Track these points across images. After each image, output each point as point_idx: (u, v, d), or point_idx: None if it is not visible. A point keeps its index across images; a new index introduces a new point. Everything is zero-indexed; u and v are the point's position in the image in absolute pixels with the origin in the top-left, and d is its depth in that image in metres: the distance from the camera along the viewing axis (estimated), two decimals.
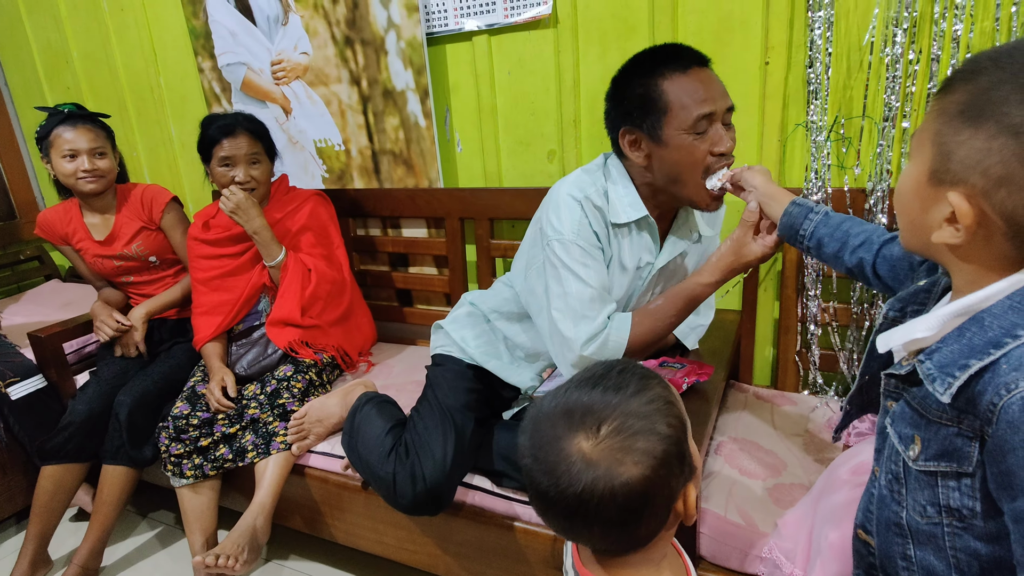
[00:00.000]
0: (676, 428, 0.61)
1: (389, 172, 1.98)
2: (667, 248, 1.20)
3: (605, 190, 1.14)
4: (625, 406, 0.61)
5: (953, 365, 0.59)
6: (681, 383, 1.16)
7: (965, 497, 0.61)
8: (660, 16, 1.51)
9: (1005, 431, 0.54)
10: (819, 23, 1.34)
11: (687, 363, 1.21)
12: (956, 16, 1.24)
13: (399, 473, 1.22)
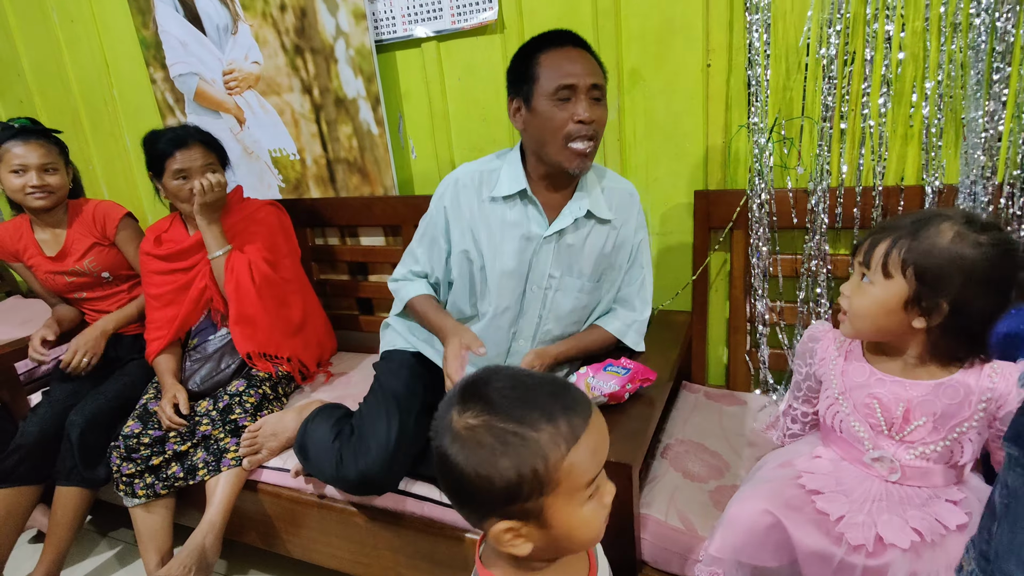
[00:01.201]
0: (521, 474, 0.62)
1: (345, 181, 1.96)
2: (557, 221, 1.28)
3: (497, 168, 1.30)
4: (514, 417, 0.62)
5: None
6: (624, 393, 1.16)
7: None
8: (603, 20, 1.51)
9: None
10: (756, 25, 1.34)
11: (632, 367, 1.21)
12: (888, 17, 1.25)
13: (345, 452, 1.26)
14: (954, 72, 1.23)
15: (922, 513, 0.85)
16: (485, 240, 1.30)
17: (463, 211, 1.31)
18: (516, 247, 1.29)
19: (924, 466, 0.88)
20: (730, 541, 0.91)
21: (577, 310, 1.34)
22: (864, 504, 0.87)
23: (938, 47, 1.23)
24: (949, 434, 0.87)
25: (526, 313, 1.33)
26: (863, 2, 1.26)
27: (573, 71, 1.15)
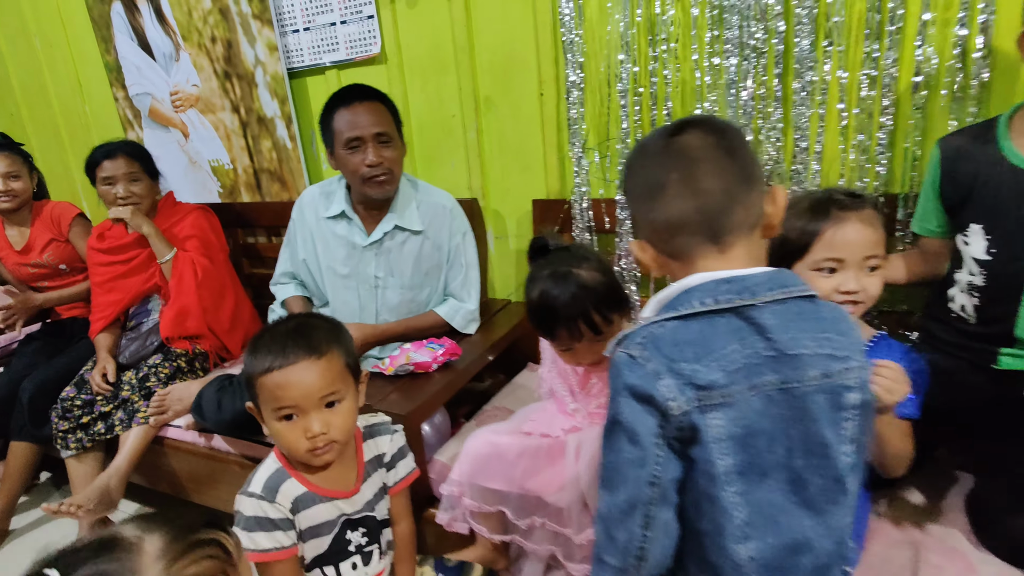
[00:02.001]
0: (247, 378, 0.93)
1: (268, 187, 2.27)
2: (373, 234, 1.59)
3: (335, 191, 1.64)
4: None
5: None
6: (432, 364, 1.43)
7: None
8: (461, 56, 1.79)
9: None
10: (572, 63, 1.61)
11: (447, 344, 1.48)
12: (667, 60, 1.50)
13: (224, 398, 1.56)
14: (717, 106, 1.48)
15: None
16: (321, 250, 1.64)
17: (307, 225, 1.65)
18: (344, 255, 1.62)
19: (599, 411, 1.15)
20: (466, 467, 1.18)
21: (405, 303, 1.62)
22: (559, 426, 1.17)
23: (704, 82, 1.48)
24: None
25: (365, 308, 1.62)
26: (646, 46, 1.51)
27: (358, 124, 1.46)
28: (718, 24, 1.42)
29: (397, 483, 1.09)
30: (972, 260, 1.12)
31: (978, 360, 1.14)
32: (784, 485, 0.67)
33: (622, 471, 0.67)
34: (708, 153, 0.70)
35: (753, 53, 1.40)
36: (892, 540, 1.07)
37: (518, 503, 1.17)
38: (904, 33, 1.28)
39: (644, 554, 0.67)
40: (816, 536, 0.67)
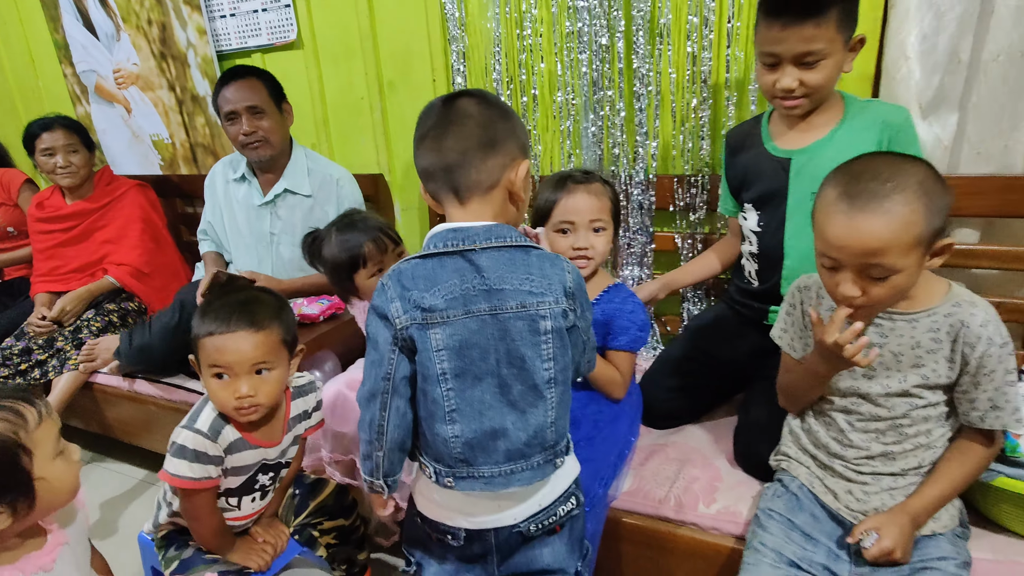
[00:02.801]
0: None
1: (204, 161, 2.45)
2: (268, 195, 1.84)
3: (242, 159, 1.90)
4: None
5: None
6: (319, 316, 1.64)
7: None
8: (366, 44, 1.97)
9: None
10: (456, 54, 1.80)
11: (334, 299, 1.69)
12: (539, 52, 1.70)
13: (135, 333, 1.80)
14: (573, 93, 1.68)
15: None
16: (226, 211, 1.86)
17: (216, 190, 1.88)
18: (244, 214, 1.85)
19: None
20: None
21: (297, 259, 1.81)
22: None
23: (563, 75, 1.68)
24: None
25: (262, 261, 1.83)
26: (512, 41, 1.71)
27: (233, 99, 1.72)
28: (573, 20, 1.62)
29: (307, 429, 1.24)
30: (750, 232, 1.34)
31: (756, 316, 1.37)
32: (494, 388, 0.87)
33: (368, 370, 0.89)
34: (462, 119, 0.87)
35: (600, 49, 1.60)
36: (665, 458, 1.30)
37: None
38: (718, 35, 1.49)
39: (383, 431, 0.89)
40: (513, 428, 0.87)
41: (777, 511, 1.07)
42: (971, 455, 0.96)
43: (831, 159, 1.14)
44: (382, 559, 1.65)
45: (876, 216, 0.84)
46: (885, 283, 0.87)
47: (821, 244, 0.91)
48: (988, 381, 0.92)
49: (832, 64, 1.14)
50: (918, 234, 0.85)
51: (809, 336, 1.05)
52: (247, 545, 1.19)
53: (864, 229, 0.85)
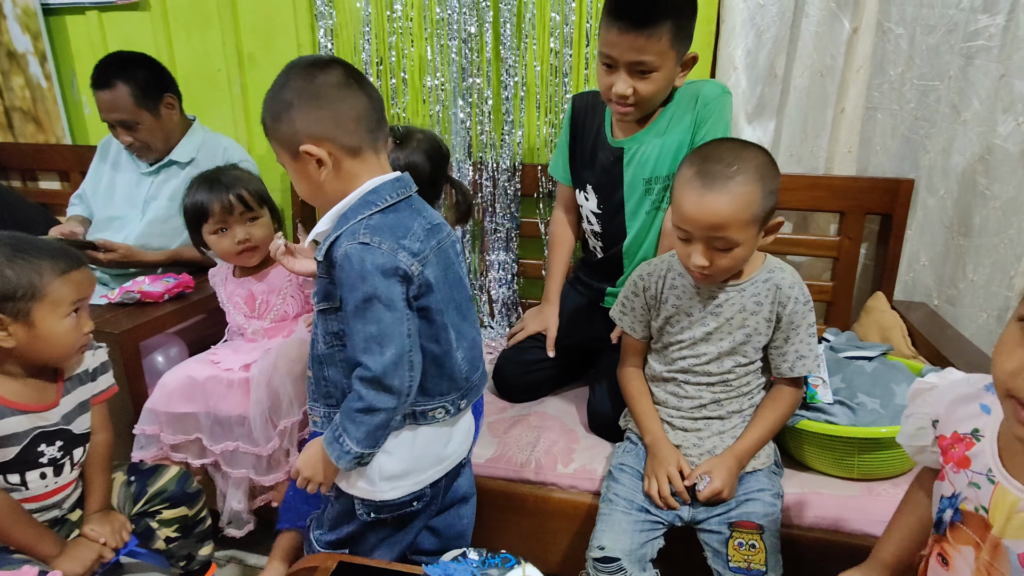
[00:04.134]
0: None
1: (22, 128, 2.16)
2: (155, 165, 1.75)
3: None
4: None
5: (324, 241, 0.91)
6: (162, 295, 1.51)
7: (339, 323, 0.93)
8: (224, 11, 1.86)
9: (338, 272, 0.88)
10: (323, 30, 1.76)
11: (180, 278, 1.56)
12: (409, 36, 1.71)
13: None
14: (443, 79, 1.71)
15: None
16: (108, 173, 1.75)
17: (111, 149, 1.79)
18: (127, 178, 1.75)
19: (273, 325, 1.40)
20: (161, 398, 1.30)
21: (160, 231, 1.69)
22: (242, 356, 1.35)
23: (434, 60, 1.71)
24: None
25: (127, 229, 1.68)
26: (386, 21, 1.71)
27: (104, 110, 1.62)
28: (443, 6, 1.65)
29: (95, 396, 1.15)
30: (590, 213, 1.42)
31: (596, 299, 1.47)
32: (458, 310, 0.98)
33: (388, 333, 0.85)
34: (360, 75, 0.91)
35: (469, 37, 1.65)
36: (526, 427, 1.37)
37: (212, 429, 1.30)
38: (578, 33, 1.60)
39: (411, 391, 0.90)
40: (477, 336, 1.04)
41: (628, 464, 1.17)
42: (781, 401, 1.12)
43: (655, 145, 1.29)
44: (235, 556, 1.55)
45: (721, 195, 0.97)
46: (728, 254, 1.01)
47: (677, 218, 1.02)
48: (795, 335, 1.08)
49: (662, 77, 1.19)
50: (755, 212, 0.99)
51: (651, 319, 1.17)
52: (76, 549, 1.07)
53: (711, 206, 0.97)
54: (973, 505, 0.69)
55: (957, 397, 0.75)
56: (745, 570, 1.00)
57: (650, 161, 1.30)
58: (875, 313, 1.54)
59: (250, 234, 1.36)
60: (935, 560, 0.75)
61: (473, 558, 0.83)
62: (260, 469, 1.31)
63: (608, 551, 1.03)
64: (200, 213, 1.34)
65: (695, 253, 1.01)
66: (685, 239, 1.03)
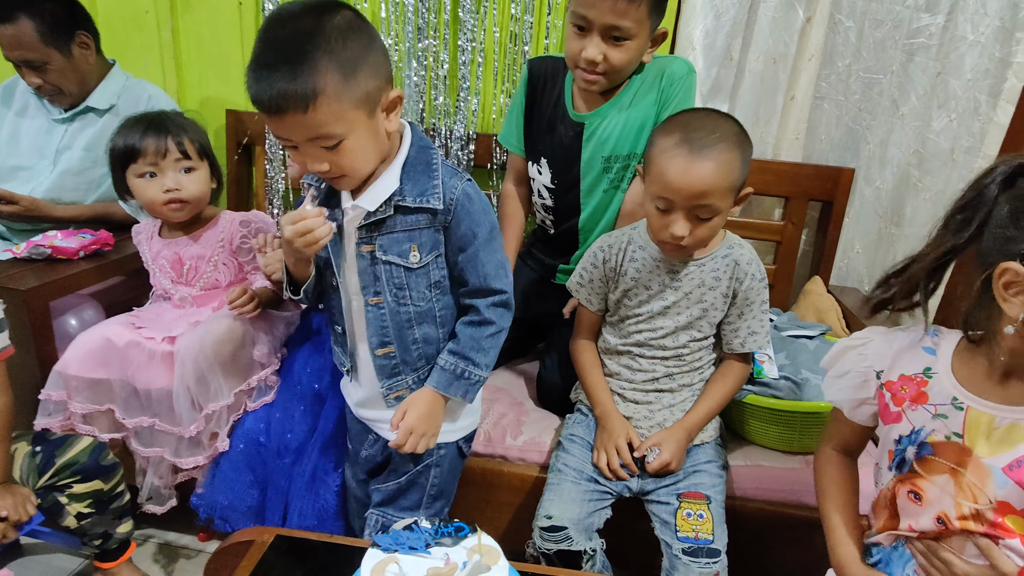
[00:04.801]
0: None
1: None
2: (70, 112, 1.59)
3: None
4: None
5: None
6: (77, 252, 1.37)
7: (441, 270, 0.95)
8: None
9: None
10: None
11: (100, 234, 1.43)
12: None
13: None
14: (397, 39, 1.64)
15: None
16: (14, 118, 1.57)
17: (15, 93, 1.59)
18: (36, 124, 1.57)
19: (203, 294, 1.30)
20: (73, 360, 1.18)
21: (72, 184, 1.55)
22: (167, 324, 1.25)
23: (388, 18, 1.63)
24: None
25: (34, 181, 1.53)
26: None
27: (5, 46, 1.43)
28: None
29: None
30: (543, 187, 1.37)
31: (548, 275, 1.44)
32: None
33: (506, 257, 0.98)
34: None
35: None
36: None
37: (127, 400, 1.20)
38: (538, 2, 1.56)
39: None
40: None
41: (577, 435, 1.16)
42: (731, 375, 1.13)
43: (618, 121, 1.25)
44: (154, 534, 1.44)
45: (708, 161, 0.97)
46: (707, 224, 1.01)
47: (658, 187, 1.01)
48: (749, 311, 1.10)
49: (635, 47, 1.16)
50: (734, 180, 1.00)
51: (608, 292, 1.16)
52: None
53: (699, 173, 0.97)
54: (943, 435, 0.74)
55: (900, 347, 0.81)
56: (693, 539, 1.01)
57: (612, 138, 1.26)
58: (812, 296, 1.60)
59: (181, 184, 1.23)
60: (905, 499, 0.78)
61: (425, 526, 0.79)
62: (180, 450, 1.22)
63: (555, 520, 1.02)
64: (129, 152, 1.21)
65: (676, 223, 1.00)
66: (665, 209, 1.01)
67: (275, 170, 1.78)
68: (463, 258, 0.94)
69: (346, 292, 0.98)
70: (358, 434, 1.11)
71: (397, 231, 0.92)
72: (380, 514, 1.06)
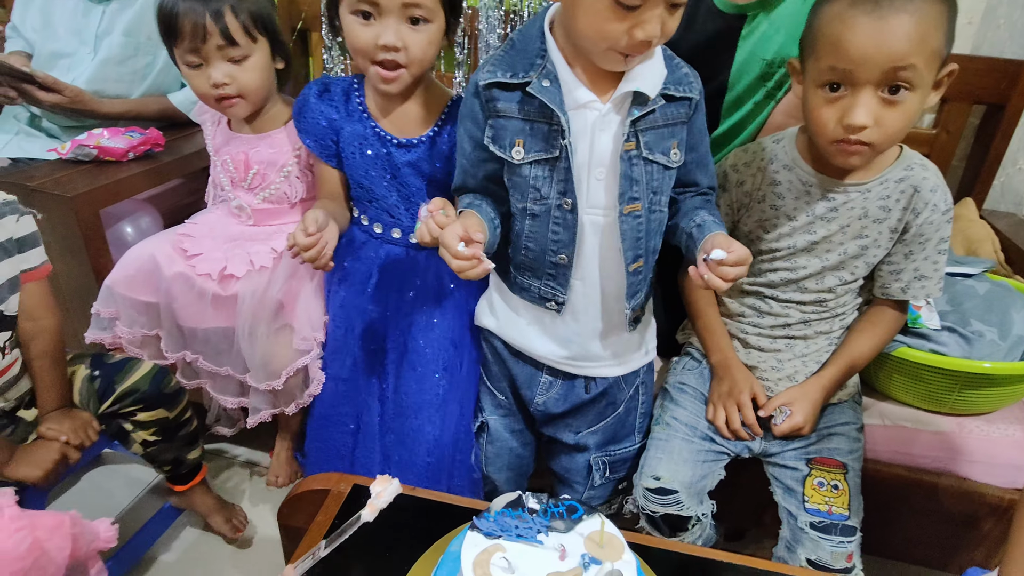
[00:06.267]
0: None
1: None
2: None
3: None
4: None
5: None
6: (127, 153, 1.24)
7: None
8: None
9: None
10: None
11: (148, 133, 1.28)
12: None
13: None
14: None
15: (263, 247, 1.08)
16: (37, 8, 1.39)
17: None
18: (71, 5, 1.38)
19: (264, 207, 1.12)
20: (117, 274, 1.07)
21: (116, 75, 1.39)
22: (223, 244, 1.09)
23: None
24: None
25: (75, 71, 1.37)
26: None
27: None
28: None
29: (26, 272, 0.92)
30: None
31: None
32: None
33: None
34: None
35: None
36: None
37: (170, 333, 1.09)
38: None
39: None
40: None
41: (689, 385, 1.00)
42: (882, 325, 0.94)
43: (790, 12, 0.96)
44: (222, 450, 1.41)
45: (905, 15, 0.72)
46: (899, 108, 0.75)
47: (832, 58, 0.76)
48: (920, 250, 0.88)
49: None
50: (938, 45, 0.74)
51: (737, 220, 0.96)
52: (32, 452, 0.90)
53: (893, 31, 0.72)
54: None
55: None
56: (825, 513, 0.87)
57: (779, 35, 0.97)
58: (963, 222, 1.34)
59: (232, 76, 1.02)
60: None
61: (532, 505, 0.68)
62: (225, 387, 1.12)
63: (664, 482, 0.89)
64: (167, 23, 1.00)
65: (857, 107, 0.75)
66: (839, 92, 0.77)
67: (333, 60, 1.57)
68: (695, 157, 0.85)
69: (582, 208, 0.81)
70: (528, 380, 0.96)
71: (660, 125, 0.79)
72: (603, 454, 0.99)
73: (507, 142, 0.79)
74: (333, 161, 1.02)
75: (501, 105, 0.78)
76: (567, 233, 0.82)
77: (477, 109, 0.81)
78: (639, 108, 0.76)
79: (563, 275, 0.85)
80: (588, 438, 0.98)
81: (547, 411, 0.97)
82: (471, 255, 0.71)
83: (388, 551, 0.74)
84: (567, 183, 0.79)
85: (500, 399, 1.01)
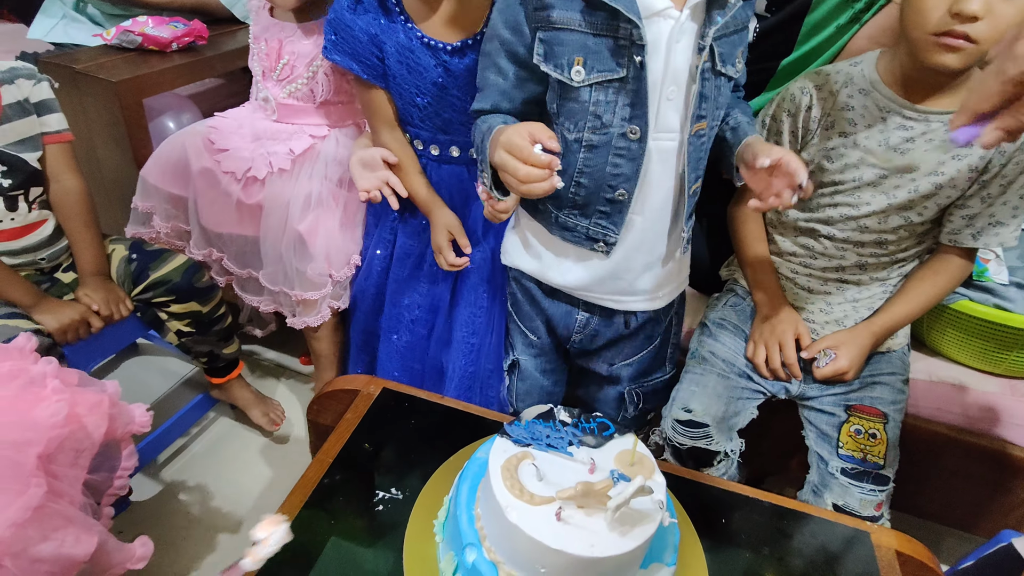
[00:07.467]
0: None
1: None
2: None
3: None
4: None
5: None
6: (170, 42, 1.21)
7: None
8: None
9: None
10: None
11: (193, 24, 1.25)
12: None
13: None
14: None
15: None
16: None
17: None
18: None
19: (288, 103, 1.08)
20: (151, 166, 1.07)
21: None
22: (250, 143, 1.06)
23: None
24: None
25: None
26: None
27: None
28: None
29: (47, 135, 0.94)
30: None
31: None
32: None
33: None
34: None
35: None
36: None
37: (201, 230, 1.08)
38: None
39: None
40: None
41: (730, 321, 0.97)
42: (945, 275, 0.88)
43: None
44: (253, 351, 1.44)
45: None
46: (1016, 2, 0.67)
47: None
48: (1000, 194, 0.81)
49: None
50: None
51: (798, 149, 0.89)
52: (58, 305, 0.93)
53: None
54: None
55: None
56: (859, 460, 0.85)
57: None
58: None
59: None
60: None
61: (563, 418, 0.66)
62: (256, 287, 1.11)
63: (696, 415, 0.87)
64: None
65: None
66: None
67: None
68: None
69: (648, 134, 0.71)
70: (564, 318, 0.90)
71: (731, 32, 0.70)
72: (636, 386, 0.96)
73: (564, 60, 0.68)
74: (382, 82, 0.92)
75: (556, 14, 0.67)
76: (631, 166, 0.72)
77: (521, 18, 0.69)
78: (720, 13, 0.66)
79: (618, 212, 0.76)
80: (623, 370, 0.95)
81: (583, 348, 0.93)
82: (547, 162, 0.62)
83: (416, 456, 0.74)
84: (636, 107, 0.69)
85: (532, 339, 0.96)
